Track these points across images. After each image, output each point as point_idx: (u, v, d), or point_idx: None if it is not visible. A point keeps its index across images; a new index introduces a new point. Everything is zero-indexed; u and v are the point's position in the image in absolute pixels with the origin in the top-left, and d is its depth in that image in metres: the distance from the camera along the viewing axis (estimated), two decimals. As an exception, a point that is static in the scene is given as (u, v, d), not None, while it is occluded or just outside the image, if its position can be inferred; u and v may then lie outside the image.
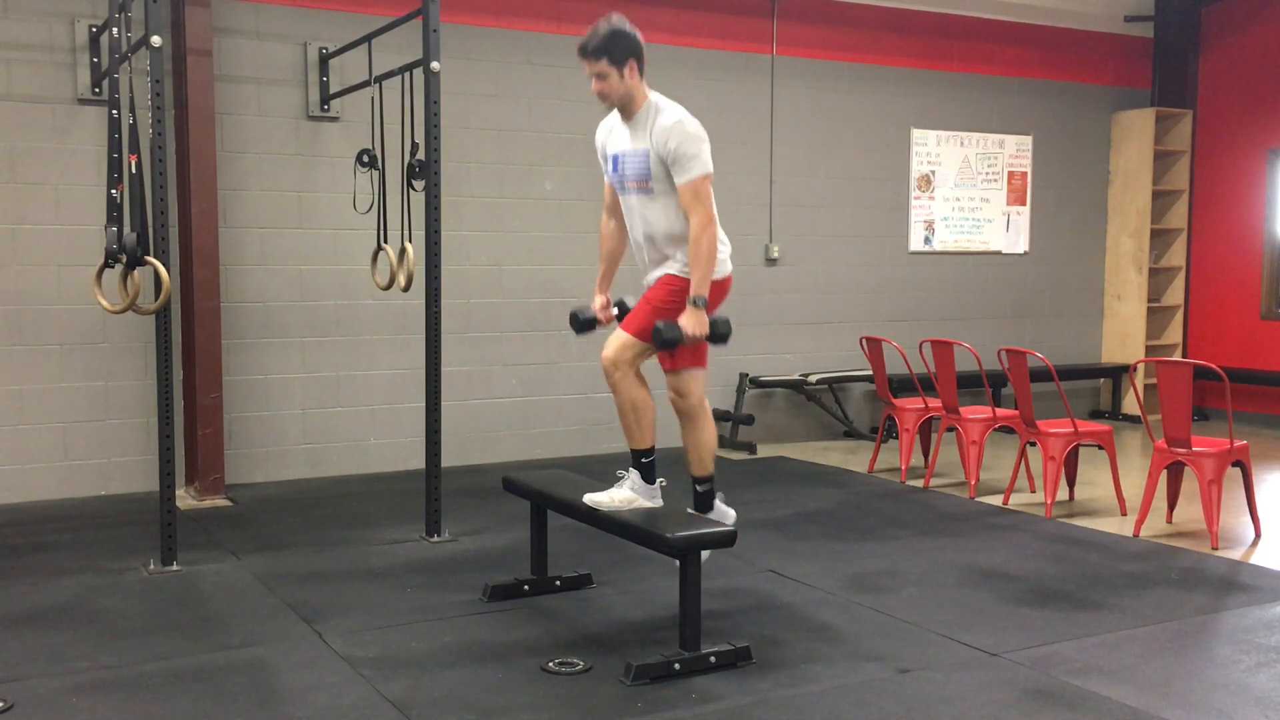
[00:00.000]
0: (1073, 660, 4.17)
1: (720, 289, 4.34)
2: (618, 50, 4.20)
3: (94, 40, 6.67)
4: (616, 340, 4.31)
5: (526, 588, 4.89)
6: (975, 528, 6.25)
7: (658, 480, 4.40)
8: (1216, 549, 5.78)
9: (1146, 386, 9.83)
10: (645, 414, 4.33)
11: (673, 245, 4.28)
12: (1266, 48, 9.95)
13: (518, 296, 8.01)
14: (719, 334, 4.24)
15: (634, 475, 4.37)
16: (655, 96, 4.29)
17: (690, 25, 8.48)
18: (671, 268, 4.32)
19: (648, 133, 4.20)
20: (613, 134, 4.42)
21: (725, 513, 4.58)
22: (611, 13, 4.34)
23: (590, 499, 4.35)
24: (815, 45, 8.99)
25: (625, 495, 4.32)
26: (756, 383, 8.72)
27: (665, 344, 4.19)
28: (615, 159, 4.37)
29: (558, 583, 4.95)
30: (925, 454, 7.71)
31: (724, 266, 4.33)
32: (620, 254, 4.67)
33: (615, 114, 4.40)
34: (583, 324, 4.65)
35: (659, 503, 4.39)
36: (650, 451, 4.37)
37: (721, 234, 4.30)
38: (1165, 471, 6.18)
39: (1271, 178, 9.98)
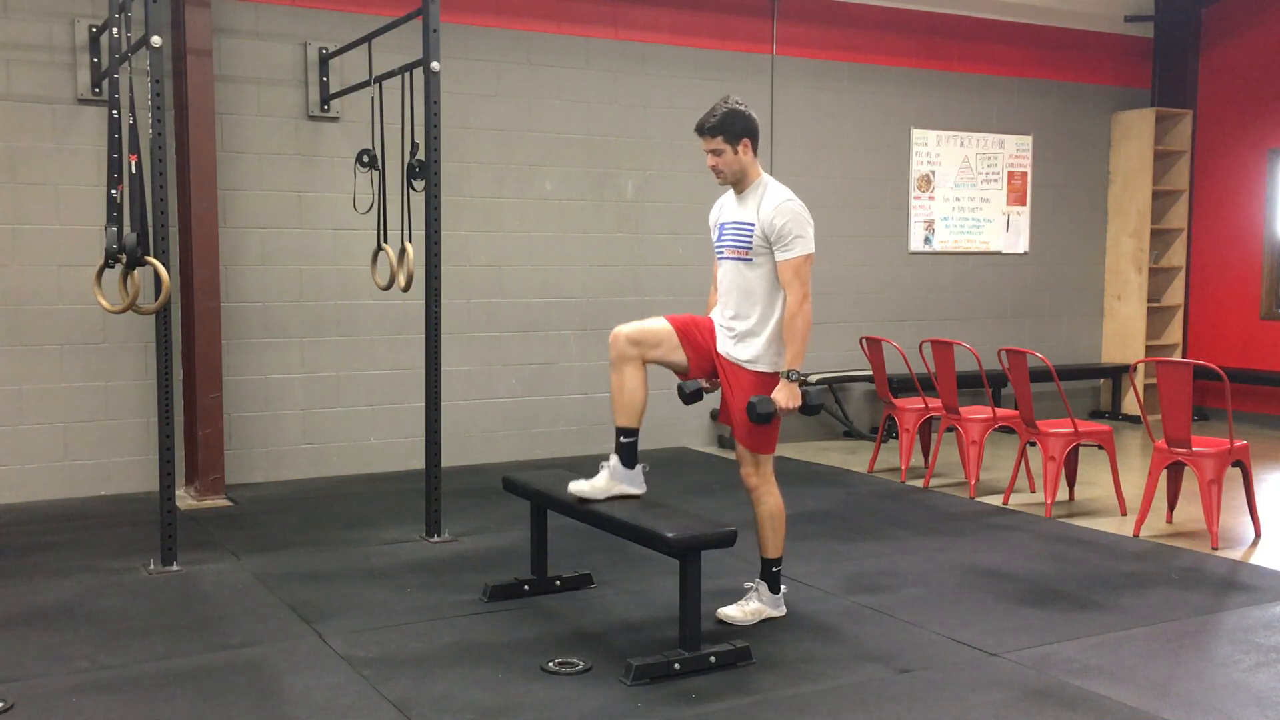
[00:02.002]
0: (1073, 660, 4.17)
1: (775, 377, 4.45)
2: (733, 129, 4.41)
3: (94, 40, 6.67)
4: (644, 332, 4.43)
5: (526, 588, 4.89)
6: (975, 528, 6.25)
7: (640, 465, 4.44)
8: (1216, 549, 5.78)
9: (1146, 386, 9.83)
10: (634, 395, 4.41)
11: (753, 313, 4.40)
12: (1266, 48, 9.95)
13: (518, 296, 8.01)
14: (812, 405, 4.37)
15: (614, 460, 4.42)
16: (767, 177, 4.51)
17: (690, 25, 8.48)
18: (747, 355, 4.42)
19: (756, 208, 4.39)
20: (724, 208, 4.61)
21: (780, 601, 4.63)
22: (730, 94, 4.55)
23: (573, 487, 4.42)
24: (815, 45, 8.99)
25: (603, 482, 4.39)
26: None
27: (760, 419, 4.29)
28: (722, 227, 4.55)
29: (558, 583, 4.95)
30: (925, 454, 7.71)
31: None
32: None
33: (729, 192, 4.59)
34: (689, 396, 4.71)
35: (642, 488, 4.44)
36: (630, 433, 4.41)
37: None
38: (1165, 471, 6.18)
39: (1271, 178, 9.98)
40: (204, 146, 6.74)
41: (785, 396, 4.31)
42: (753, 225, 4.37)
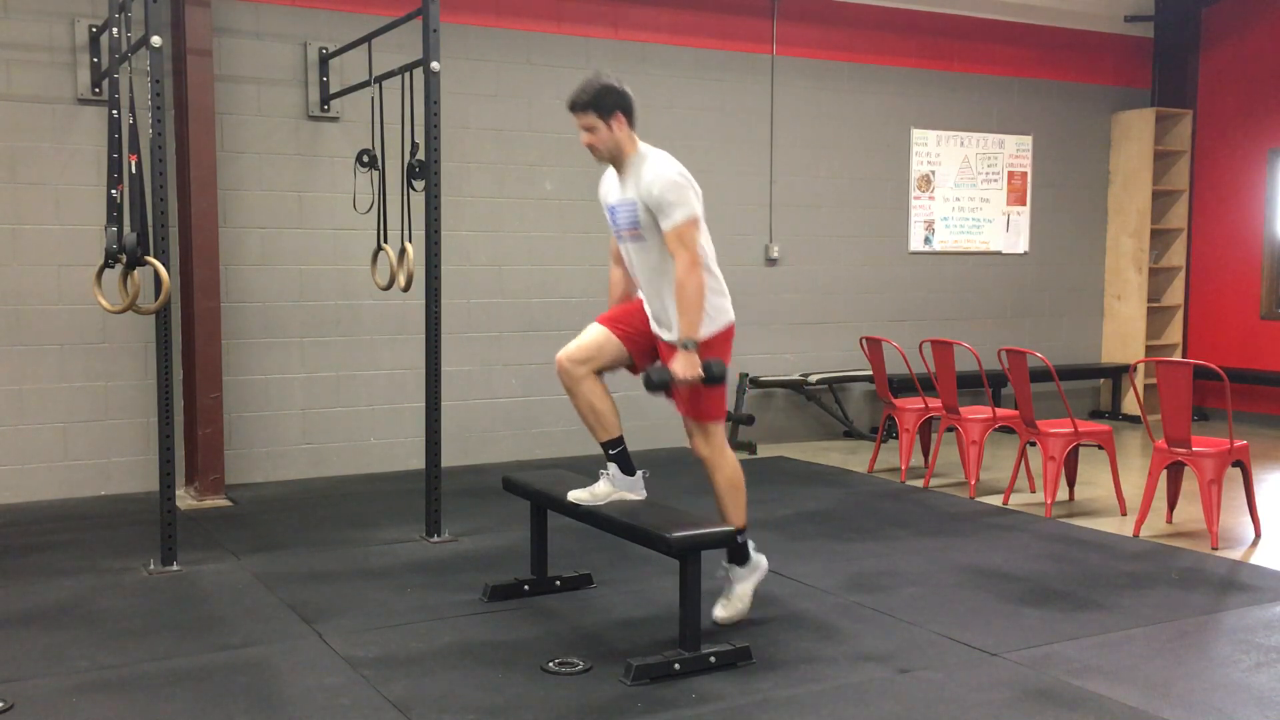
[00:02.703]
0: (1073, 660, 4.17)
1: (726, 338, 4.38)
2: (605, 104, 4.28)
3: (94, 40, 6.67)
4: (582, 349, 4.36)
5: (526, 588, 4.89)
6: (975, 528, 6.25)
7: (639, 471, 4.43)
8: (1216, 549, 5.78)
9: (1146, 386, 9.83)
10: (603, 409, 4.38)
11: (664, 290, 4.30)
12: (1266, 48, 9.95)
13: (518, 296, 8.01)
14: (713, 375, 4.20)
15: (613, 468, 4.40)
16: (644, 147, 4.37)
17: (690, 25, 8.48)
18: (670, 336, 4.33)
19: (635, 182, 4.28)
20: (610, 186, 4.50)
21: (758, 563, 4.56)
22: (599, 69, 4.42)
23: (573, 495, 4.40)
24: (815, 45, 8.99)
25: (604, 489, 4.37)
26: (756, 383, 8.72)
27: (654, 388, 4.19)
28: (612, 209, 4.45)
29: (558, 583, 4.95)
30: (925, 454, 7.71)
31: (724, 315, 4.36)
32: (627, 300, 4.69)
33: (611, 170, 4.48)
34: (657, 385, 4.51)
35: (642, 494, 4.42)
36: (616, 443, 4.39)
37: (720, 283, 4.35)
38: (1165, 471, 6.17)
39: (1271, 178, 9.98)
40: (204, 146, 6.74)
41: (683, 366, 4.15)
42: (635, 202, 4.26)
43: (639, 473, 4.43)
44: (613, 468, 4.40)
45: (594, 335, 4.42)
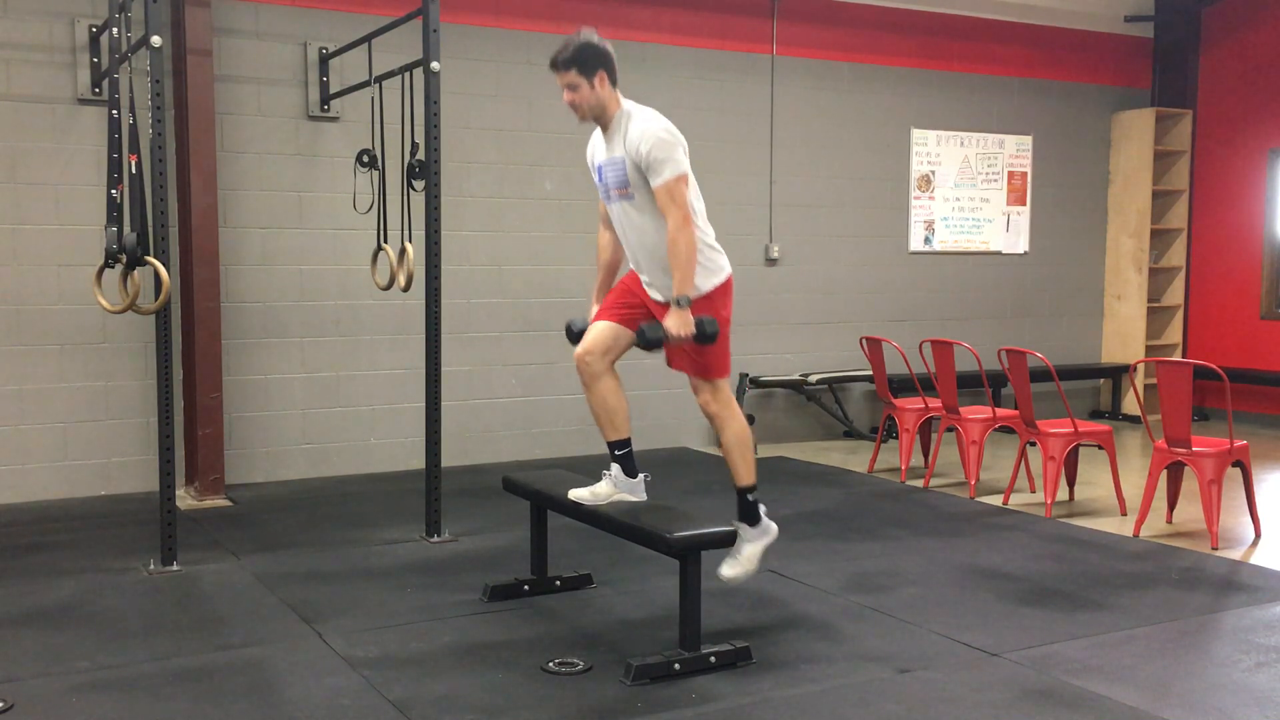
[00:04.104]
0: (1073, 660, 4.17)
1: (724, 292, 4.33)
2: (587, 62, 4.24)
3: (94, 40, 6.67)
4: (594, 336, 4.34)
5: (526, 588, 4.89)
6: (975, 528, 6.25)
7: (641, 474, 4.42)
8: (1216, 549, 5.78)
9: (1146, 386, 9.83)
10: (616, 407, 4.36)
11: (656, 249, 4.26)
12: (1266, 48, 9.95)
13: (518, 296, 8.01)
14: (705, 333, 4.17)
15: (616, 469, 4.39)
16: (629, 104, 4.32)
17: (690, 25, 8.48)
18: (662, 297, 4.30)
19: (622, 140, 4.24)
20: (596, 149, 4.46)
21: (767, 527, 4.47)
22: (582, 28, 4.37)
23: (574, 494, 4.39)
24: (815, 45, 8.99)
25: (605, 489, 4.37)
26: (756, 383, 8.72)
27: (647, 344, 4.17)
28: (600, 169, 4.41)
29: (558, 583, 4.95)
30: (925, 454, 7.71)
31: (722, 271, 4.33)
32: (617, 265, 4.67)
33: (597, 131, 4.43)
34: (578, 335, 4.59)
35: (643, 496, 4.41)
36: (623, 444, 4.38)
37: (712, 237, 4.31)
38: (1165, 471, 6.17)
39: (1271, 178, 9.98)
40: (204, 146, 6.74)
41: (676, 324, 4.11)
42: (623, 159, 4.21)
43: (641, 475, 4.42)
44: (616, 468, 4.38)
45: (603, 329, 4.38)
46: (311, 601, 4.81)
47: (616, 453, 4.38)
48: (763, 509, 4.45)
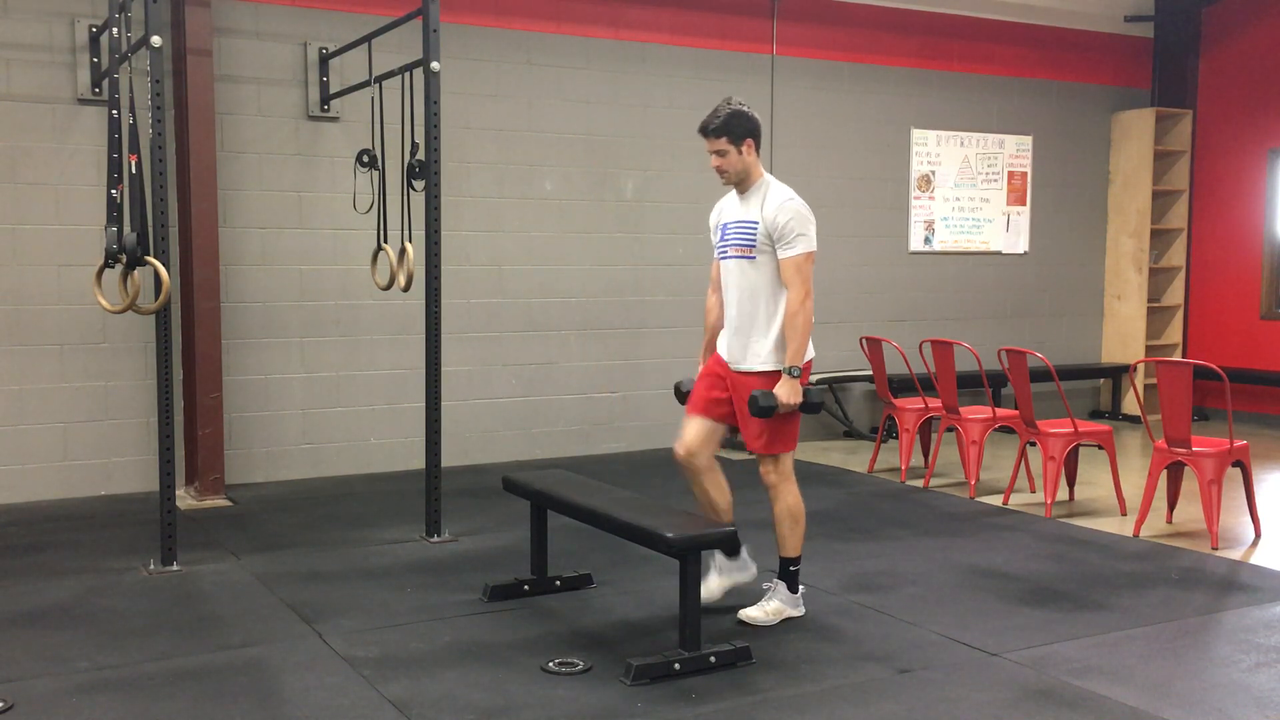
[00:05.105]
0: (1073, 660, 4.17)
1: (808, 370, 4.52)
2: (737, 130, 4.44)
3: (94, 40, 6.67)
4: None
5: (526, 588, 4.89)
6: (975, 528, 6.25)
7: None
8: (1216, 549, 5.78)
9: (1146, 386, 9.83)
10: (719, 503, 4.60)
11: (758, 312, 4.45)
12: (1266, 48, 9.95)
13: (518, 296, 8.01)
14: (812, 403, 4.42)
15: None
16: (770, 176, 4.55)
17: (690, 25, 8.48)
18: (755, 362, 4.47)
19: (760, 206, 4.44)
20: (724, 209, 4.66)
21: (799, 601, 4.65)
22: (731, 95, 4.61)
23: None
24: (815, 45, 8.99)
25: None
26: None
27: (761, 411, 4.33)
28: (724, 227, 4.60)
29: (558, 583, 4.95)
30: (925, 454, 7.71)
31: (812, 350, 4.52)
32: (720, 327, 4.76)
33: (730, 194, 4.65)
34: (685, 395, 4.76)
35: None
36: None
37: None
38: (1165, 471, 6.18)
39: (1271, 178, 9.98)
40: (204, 146, 6.74)
41: (786, 392, 4.35)
42: (756, 223, 4.42)
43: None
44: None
45: (700, 427, 4.57)
46: (311, 601, 4.81)
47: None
48: (801, 588, 4.65)
